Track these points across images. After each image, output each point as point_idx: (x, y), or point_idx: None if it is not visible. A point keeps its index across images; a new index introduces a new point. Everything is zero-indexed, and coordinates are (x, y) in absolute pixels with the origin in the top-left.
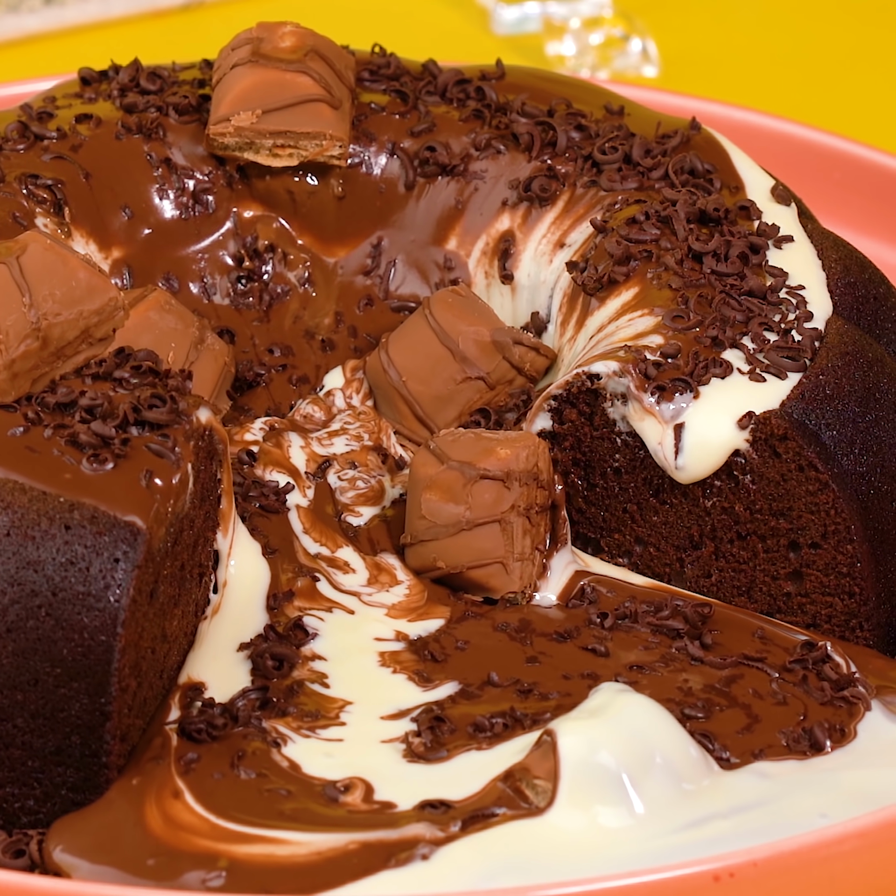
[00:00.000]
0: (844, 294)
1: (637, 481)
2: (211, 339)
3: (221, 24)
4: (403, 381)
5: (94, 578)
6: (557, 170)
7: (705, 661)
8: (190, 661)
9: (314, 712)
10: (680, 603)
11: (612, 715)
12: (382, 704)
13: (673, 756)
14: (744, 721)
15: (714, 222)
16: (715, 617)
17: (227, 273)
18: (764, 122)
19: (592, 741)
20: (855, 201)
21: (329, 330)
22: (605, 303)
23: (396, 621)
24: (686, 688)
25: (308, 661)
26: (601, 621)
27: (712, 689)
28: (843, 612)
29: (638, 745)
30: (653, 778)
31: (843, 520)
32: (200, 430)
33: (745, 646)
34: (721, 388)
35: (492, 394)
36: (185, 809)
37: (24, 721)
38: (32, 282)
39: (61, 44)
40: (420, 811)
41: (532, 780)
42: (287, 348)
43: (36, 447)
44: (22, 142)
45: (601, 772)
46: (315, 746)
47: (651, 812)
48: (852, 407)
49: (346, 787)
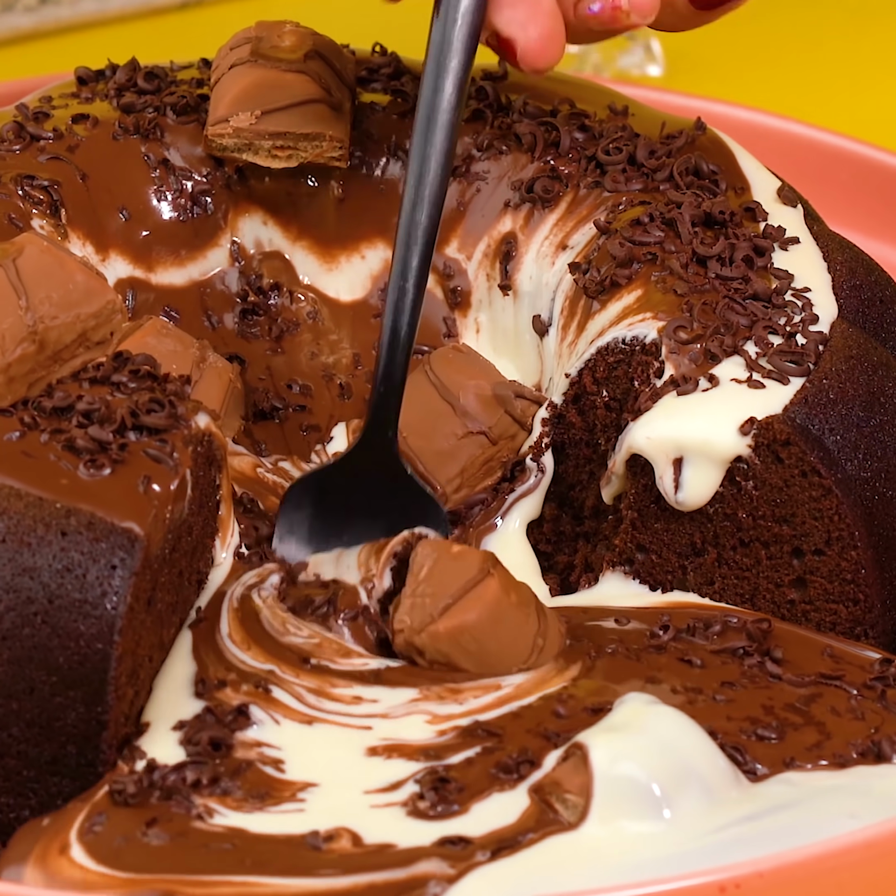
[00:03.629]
0: (850, 297)
1: (638, 487)
2: (213, 358)
3: (220, 23)
4: (404, 437)
5: (90, 585)
6: (560, 171)
7: (783, 678)
8: (154, 699)
9: (262, 793)
10: (734, 619)
11: (643, 727)
12: (367, 781)
13: (703, 768)
14: (815, 738)
15: (719, 225)
16: (774, 633)
17: (233, 307)
18: (770, 122)
19: (624, 754)
20: (862, 203)
21: (348, 371)
22: (607, 306)
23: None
24: (769, 705)
25: (253, 746)
26: (663, 634)
27: (792, 707)
28: (848, 620)
29: (669, 758)
30: (684, 790)
31: (846, 526)
32: (199, 435)
33: (816, 664)
34: (706, 399)
35: (494, 449)
36: (69, 865)
37: (20, 730)
38: (29, 285)
39: (57, 43)
40: (437, 847)
41: (563, 794)
42: (307, 388)
43: (32, 452)
44: (18, 142)
45: (633, 785)
46: (265, 817)
47: (682, 823)
48: (856, 411)
49: (329, 836)
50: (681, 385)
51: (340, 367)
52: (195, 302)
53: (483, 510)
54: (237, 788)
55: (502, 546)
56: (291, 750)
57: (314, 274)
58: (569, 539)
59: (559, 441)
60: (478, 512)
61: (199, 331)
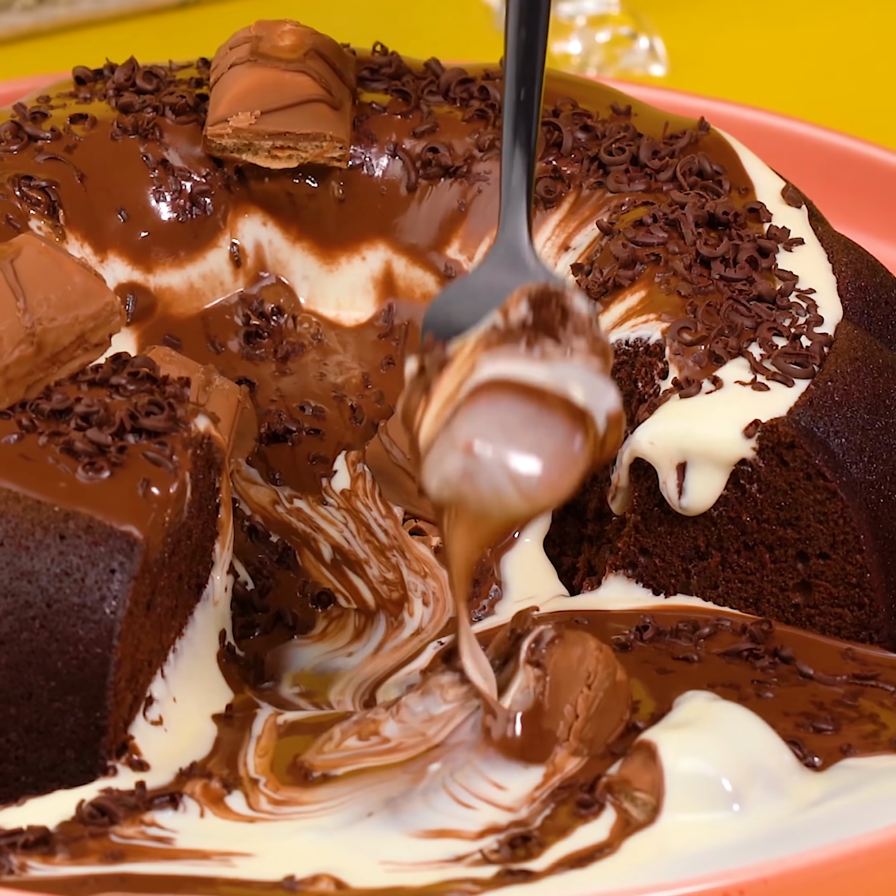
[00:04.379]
0: (855, 298)
1: (641, 491)
2: (219, 381)
3: (219, 22)
4: (409, 459)
5: (89, 590)
6: (563, 171)
7: (814, 677)
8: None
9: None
10: (727, 622)
11: (709, 723)
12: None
13: (770, 761)
14: (871, 727)
15: (723, 226)
16: (776, 636)
17: (236, 332)
18: (774, 122)
19: (693, 750)
20: (867, 204)
21: (358, 391)
22: (610, 308)
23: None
24: (818, 702)
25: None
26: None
27: (842, 703)
28: (853, 624)
29: (737, 752)
30: (753, 784)
31: (852, 529)
32: (199, 438)
33: (842, 666)
34: (710, 402)
35: None
36: None
37: (18, 736)
38: (27, 286)
39: (55, 42)
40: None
41: (633, 792)
42: (319, 410)
43: (30, 455)
44: (15, 142)
45: (703, 780)
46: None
47: (752, 816)
48: (862, 414)
49: (308, 880)
50: (684, 388)
51: (350, 387)
52: (198, 329)
53: None
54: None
55: (522, 562)
56: (191, 833)
57: (314, 276)
58: (573, 541)
59: None
60: None
61: (203, 357)
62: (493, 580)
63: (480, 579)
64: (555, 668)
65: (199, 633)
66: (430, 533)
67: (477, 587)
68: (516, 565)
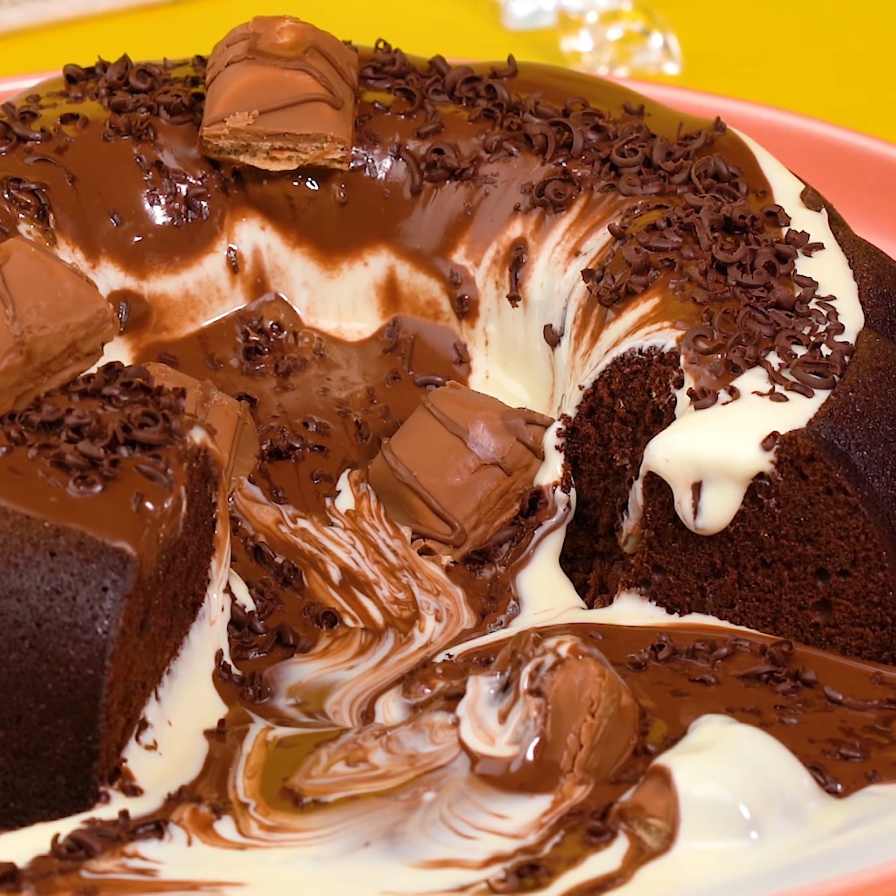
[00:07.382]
0: (877, 305)
1: (655, 506)
2: (218, 397)
3: (215, 19)
4: (415, 476)
5: (80, 608)
6: (573, 173)
7: (844, 702)
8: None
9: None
10: (745, 643)
11: (726, 747)
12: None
13: (789, 787)
14: None
15: (740, 230)
16: (797, 658)
17: (235, 349)
18: (792, 122)
19: (709, 775)
20: (889, 207)
21: (363, 406)
22: (622, 315)
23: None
24: (847, 728)
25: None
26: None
27: (873, 729)
28: (875, 644)
29: (755, 777)
30: (771, 810)
31: (873, 545)
32: (194, 450)
33: (871, 690)
34: (726, 413)
35: (509, 480)
36: None
37: (7, 760)
38: (16, 293)
39: (45, 39)
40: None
41: (646, 819)
42: (324, 426)
43: (19, 468)
44: (3, 143)
45: (720, 806)
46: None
47: (770, 843)
48: (884, 426)
49: None
50: (699, 398)
51: (355, 402)
52: (195, 347)
53: (513, 546)
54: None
55: (538, 578)
56: (178, 863)
57: (315, 283)
58: (585, 557)
59: (572, 455)
60: (507, 549)
61: (201, 374)
62: (510, 596)
63: (496, 595)
64: (556, 696)
65: (195, 653)
66: (439, 552)
67: (493, 603)
68: (533, 581)
